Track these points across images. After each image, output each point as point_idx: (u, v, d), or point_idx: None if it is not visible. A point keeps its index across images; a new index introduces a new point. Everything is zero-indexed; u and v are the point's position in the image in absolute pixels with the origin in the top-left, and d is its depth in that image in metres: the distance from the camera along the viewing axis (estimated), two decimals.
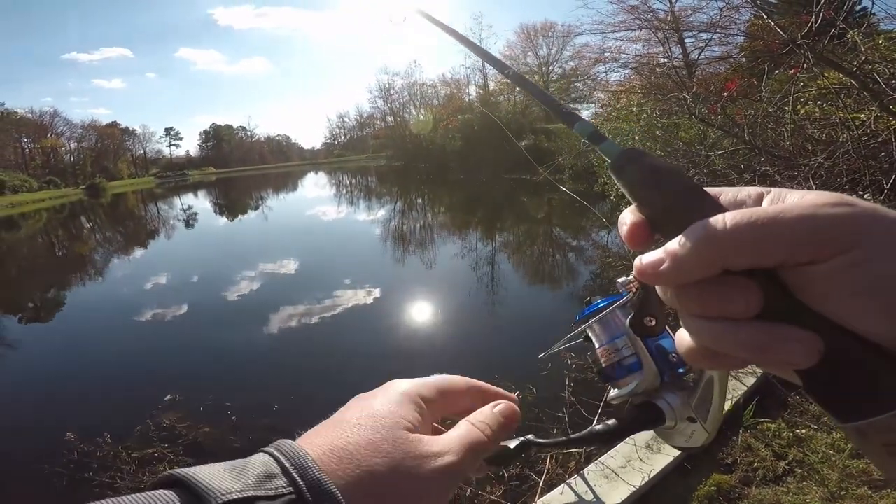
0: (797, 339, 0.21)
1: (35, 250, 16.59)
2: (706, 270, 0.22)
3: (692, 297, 0.23)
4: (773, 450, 2.32)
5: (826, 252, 0.20)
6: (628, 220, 0.27)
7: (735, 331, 0.22)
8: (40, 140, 60.94)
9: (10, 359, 5.61)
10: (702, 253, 0.22)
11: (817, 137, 4.24)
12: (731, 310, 0.22)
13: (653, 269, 0.23)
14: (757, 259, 0.21)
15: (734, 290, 0.22)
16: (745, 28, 7.98)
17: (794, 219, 0.20)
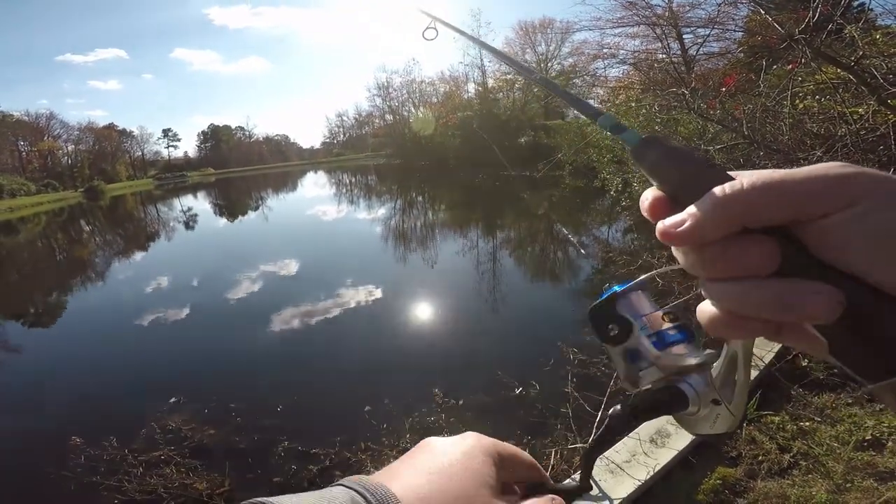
0: (817, 291, 0.21)
1: (35, 255, 16.59)
2: (726, 227, 0.23)
3: (714, 257, 0.24)
4: (778, 443, 2.33)
5: (838, 204, 0.21)
6: (650, 197, 0.28)
7: (755, 288, 0.23)
8: (37, 143, 60.71)
9: (14, 364, 5.62)
10: (721, 210, 0.23)
11: (816, 132, 4.26)
12: (751, 265, 0.23)
13: (675, 228, 0.25)
14: (773, 214, 0.23)
15: (753, 245, 0.23)
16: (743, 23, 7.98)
17: (806, 177, 0.22)
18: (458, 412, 3.28)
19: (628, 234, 8.88)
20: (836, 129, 3.98)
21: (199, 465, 2.96)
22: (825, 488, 2.03)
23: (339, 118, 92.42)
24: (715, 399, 0.41)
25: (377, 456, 2.86)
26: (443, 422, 3.16)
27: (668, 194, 0.28)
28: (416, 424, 3.16)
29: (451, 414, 3.25)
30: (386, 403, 3.44)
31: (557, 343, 3.78)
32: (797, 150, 4.18)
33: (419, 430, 3.10)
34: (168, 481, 2.81)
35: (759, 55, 5.38)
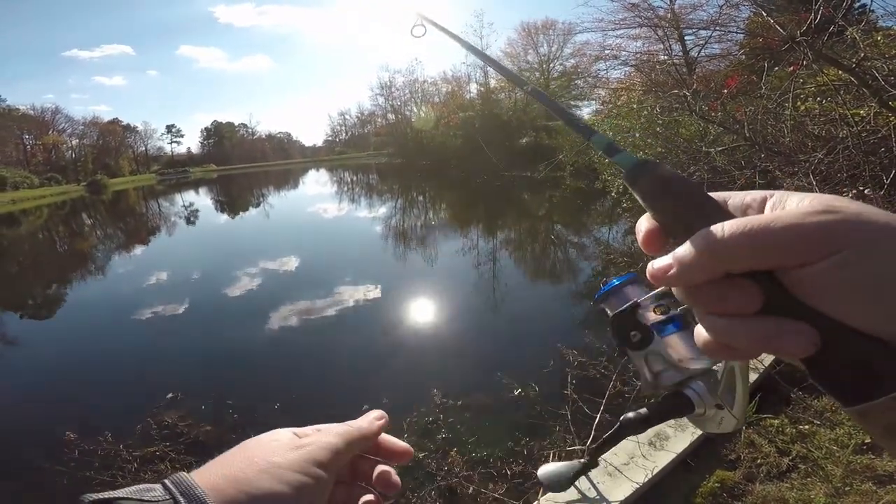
0: (795, 330, 0.23)
1: (36, 247, 16.60)
2: (708, 274, 0.25)
3: (700, 297, 0.26)
4: (777, 446, 2.33)
5: (813, 256, 0.23)
6: (643, 228, 0.30)
7: (740, 325, 0.25)
8: (42, 137, 60.82)
9: (11, 356, 5.62)
10: (703, 259, 0.25)
11: (817, 134, 4.25)
12: (734, 307, 0.25)
13: (663, 273, 0.27)
14: (752, 263, 0.24)
15: (735, 290, 0.25)
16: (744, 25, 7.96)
17: (783, 227, 0.23)
18: (457, 412, 3.27)
19: (629, 236, 8.87)
20: (837, 130, 3.97)
21: (195, 462, 2.93)
22: (824, 491, 2.02)
23: (341, 116, 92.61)
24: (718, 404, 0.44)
25: None
26: (441, 422, 3.16)
27: (660, 224, 0.29)
28: (415, 424, 3.16)
29: (449, 414, 3.24)
30: (384, 403, 3.44)
31: (557, 345, 3.77)
32: (798, 151, 4.17)
33: (417, 430, 3.10)
34: (162, 477, 2.80)
35: (760, 57, 5.37)
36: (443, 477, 2.60)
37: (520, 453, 2.78)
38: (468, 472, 2.64)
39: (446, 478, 2.59)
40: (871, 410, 0.23)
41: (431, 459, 2.78)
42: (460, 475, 2.60)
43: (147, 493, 0.31)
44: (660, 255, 0.28)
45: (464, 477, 2.59)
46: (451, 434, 3.04)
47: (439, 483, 2.56)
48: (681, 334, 0.44)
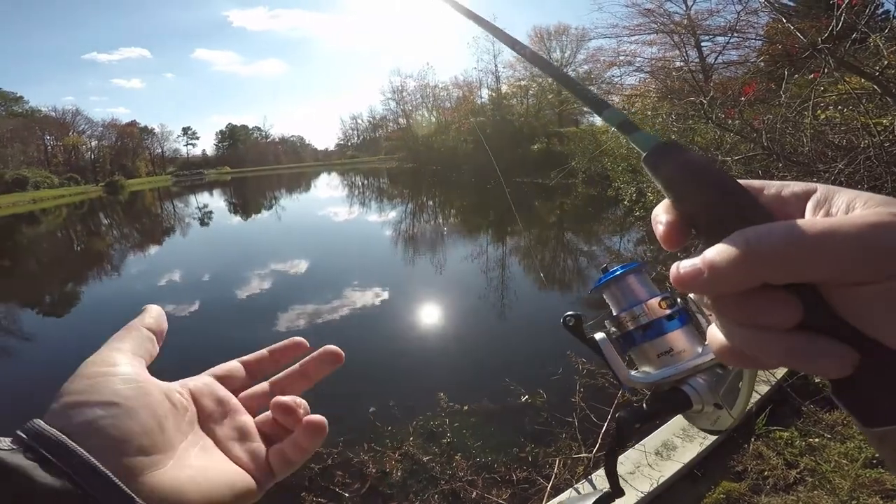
0: (834, 353, 0.21)
1: (55, 245, 16.93)
2: (745, 284, 0.21)
3: (730, 307, 0.23)
4: (785, 458, 2.29)
5: (872, 276, 0.20)
6: (664, 220, 0.26)
7: (771, 340, 0.22)
8: (62, 138, 62.30)
9: (27, 353, 5.71)
10: (741, 267, 0.21)
11: (837, 143, 4.17)
12: (769, 322, 0.22)
13: (691, 279, 0.23)
14: (799, 276, 0.20)
15: (773, 303, 0.21)
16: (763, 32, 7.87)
17: (843, 241, 0.20)
18: (463, 417, 3.25)
19: (640, 245, 8.78)
20: (859, 140, 3.88)
21: None
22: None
23: (353, 120, 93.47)
24: (717, 403, 0.43)
25: (379, 457, 2.84)
26: (447, 426, 3.14)
27: (683, 215, 0.25)
28: (420, 428, 3.14)
29: (454, 419, 3.22)
30: (391, 406, 3.42)
31: (567, 352, 3.73)
32: (818, 161, 4.09)
33: (423, 434, 3.08)
34: None
35: (779, 64, 5.30)
36: (447, 481, 2.57)
37: (525, 459, 2.75)
38: (472, 476, 2.61)
39: (450, 482, 2.56)
40: (890, 435, 0.21)
41: (436, 463, 2.77)
42: (464, 480, 2.58)
43: None
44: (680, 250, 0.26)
45: (468, 482, 2.56)
46: (456, 438, 3.02)
47: (443, 487, 2.54)
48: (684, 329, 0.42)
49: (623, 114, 0.29)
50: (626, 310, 0.45)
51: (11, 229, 21.76)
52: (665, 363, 0.43)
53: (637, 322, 0.44)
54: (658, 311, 0.43)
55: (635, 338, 0.45)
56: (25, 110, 60.01)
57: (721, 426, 0.44)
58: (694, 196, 0.25)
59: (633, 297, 0.44)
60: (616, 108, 0.29)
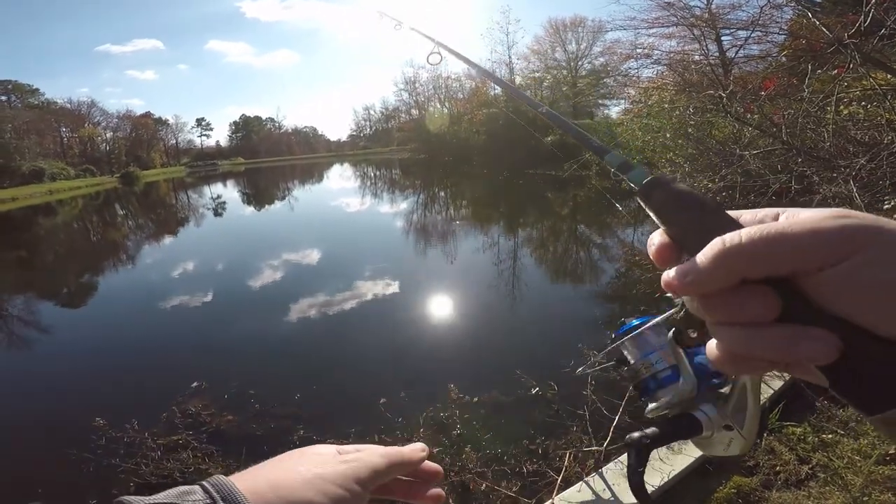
0: (815, 337, 0.23)
1: (71, 236, 17.23)
2: (725, 280, 0.25)
3: (717, 306, 0.26)
4: (797, 454, 2.28)
5: (831, 258, 0.22)
6: (656, 242, 0.30)
7: (757, 334, 0.24)
8: (78, 129, 63.13)
9: (46, 343, 5.81)
10: (720, 265, 0.24)
11: (860, 139, 4.08)
12: (752, 315, 0.24)
13: (678, 280, 0.26)
14: (770, 268, 0.24)
15: (753, 296, 0.24)
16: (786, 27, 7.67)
17: (800, 231, 0.23)
18: (473, 409, 3.27)
19: None
20: (882, 136, 3.80)
21: (216, 451, 3.00)
22: (842, 501, 1.98)
23: (366, 111, 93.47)
24: (727, 425, 0.44)
25: None
26: (457, 417, 3.16)
27: (672, 238, 0.29)
28: (430, 419, 3.16)
29: (465, 410, 3.24)
30: (402, 396, 3.45)
31: (578, 345, 3.72)
32: (839, 157, 4.01)
33: (433, 425, 3.11)
34: (184, 466, 2.85)
35: (802, 59, 5.18)
36: (456, 473, 2.60)
37: (535, 452, 2.76)
38: (482, 468, 2.63)
39: (460, 474, 2.59)
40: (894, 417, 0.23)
41: (445, 455, 2.79)
42: (474, 472, 2.60)
43: (187, 496, 0.31)
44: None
45: (477, 473, 2.58)
46: (466, 430, 3.04)
47: (452, 479, 2.56)
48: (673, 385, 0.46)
49: (622, 157, 0.34)
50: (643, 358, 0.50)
51: (29, 220, 22.19)
52: None
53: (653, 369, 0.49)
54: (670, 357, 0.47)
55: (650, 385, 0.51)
56: (41, 102, 60.87)
57: (734, 451, 0.45)
58: (679, 219, 0.29)
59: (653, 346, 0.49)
60: (616, 154, 0.35)
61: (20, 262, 12.04)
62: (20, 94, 59.92)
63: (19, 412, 3.91)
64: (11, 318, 7.04)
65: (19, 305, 7.79)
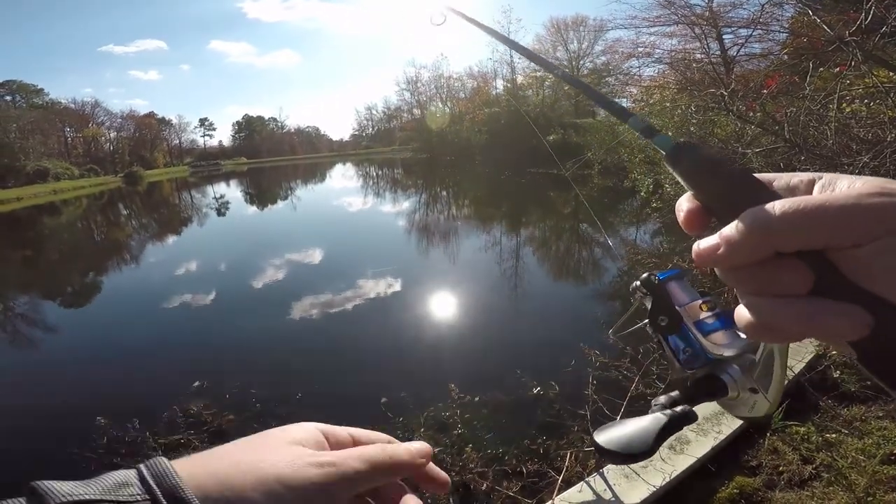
0: (846, 312, 0.23)
1: (75, 236, 17.29)
2: (758, 254, 0.24)
3: (748, 278, 0.25)
4: (801, 454, 2.27)
5: (868, 236, 0.22)
6: (685, 207, 0.29)
7: (788, 306, 0.24)
8: (82, 129, 63.32)
9: (49, 342, 5.84)
10: (754, 238, 0.24)
11: (863, 137, 4.06)
12: (783, 288, 0.24)
13: (710, 253, 0.26)
14: (804, 243, 0.23)
15: (785, 270, 0.24)
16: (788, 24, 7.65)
17: (838, 207, 0.22)
18: (474, 408, 3.26)
19: (657, 237, 8.68)
20: (885, 134, 3.77)
21: None
22: (845, 501, 1.96)
23: (368, 111, 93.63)
24: (753, 388, 0.44)
25: None
26: (457, 417, 3.15)
27: (702, 204, 0.28)
28: (431, 419, 3.16)
29: (465, 410, 3.23)
30: (402, 396, 3.45)
31: (580, 344, 3.72)
32: (842, 155, 3.98)
33: (433, 425, 3.11)
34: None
35: (804, 57, 5.15)
36: (457, 472, 2.59)
37: (536, 452, 2.75)
38: (483, 468, 2.63)
39: (460, 473, 2.58)
40: None
41: (446, 454, 2.78)
42: (474, 471, 2.59)
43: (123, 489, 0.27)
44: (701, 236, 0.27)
45: (478, 473, 2.58)
46: (466, 430, 3.03)
47: (453, 478, 2.56)
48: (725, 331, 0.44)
49: (645, 121, 0.32)
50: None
51: (33, 220, 22.29)
52: None
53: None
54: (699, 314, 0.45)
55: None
56: (45, 102, 61.07)
57: (759, 412, 0.45)
58: (710, 185, 0.28)
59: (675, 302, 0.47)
60: (637, 117, 0.33)
61: (25, 262, 12.10)
62: (24, 93, 60.14)
63: (23, 410, 3.91)
64: (16, 317, 7.09)
65: (24, 304, 7.82)
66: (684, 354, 0.45)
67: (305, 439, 0.34)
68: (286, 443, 0.33)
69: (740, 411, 0.46)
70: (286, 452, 0.32)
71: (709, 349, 0.44)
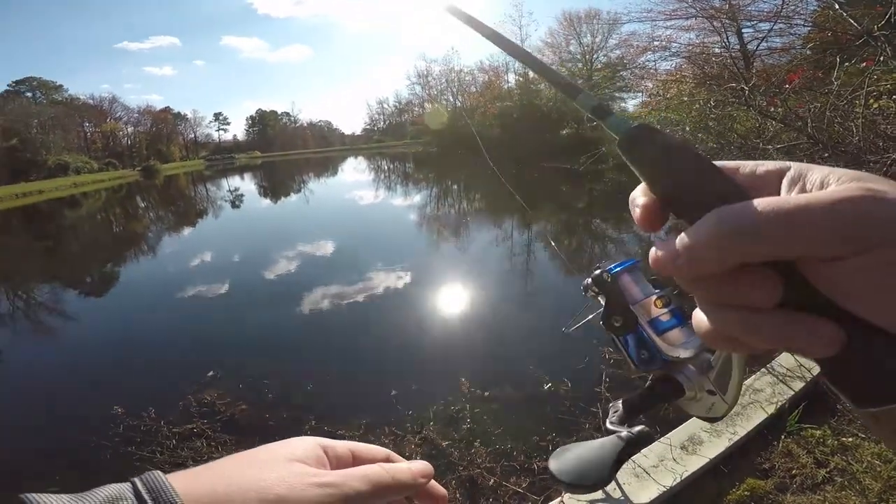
0: (818, 330, 0.21)
1: (95, 228, 17.65)
2: (722, 264, 0.21)
3: (710, 288, 0.23)
4: (815, 457, 2.23)
5: (849, 250, 0.20)
6: (640, 202, 0.26)
7: (755, 320, 0.22)
8: (101, 125, 64.52)
9: (68, 332, 5.97)
10: (719, 246, 0.21)
11: (890, 133, 3.94)
12: (751, 300, 0.22)
13: (668, 262, 0.23)
14: (776, 253, 0.20)
15: (753, 282, 0.21)
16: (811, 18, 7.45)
17: (822, 213, 0.19)
18: (484, 403, 3.26)
19: (672, 232, 8.54)
20: None
21: (229, 440, 3.03)
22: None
23: (379, 105, 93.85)
24: (710, 390, 0.43)
25: (400, 441, 2.89)
26: (467, 412, 3.15)
27: (660, 197, 0.26)
28: (440, 413, 3.16)
29: (475, 404, 3.23)
30: (413, 389, 3.46)
31: (593, 341, 3.69)
32: (868, 151, 3.87)
33: (443, 419, 3.11)
34: (198, 454, 2.89)
35: (828, 52, 5.01)
36: (465, 467, 2.59)
37: (545, 449, 2.74)
38: (491, 464, 2.62)
39: (468, 468, 2.58)
40: (883, 415, 0.21)
41: (455, 449, 2.79)
42: (482, 467, 2.59)
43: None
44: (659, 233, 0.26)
45: (486, 468, 2.58)
46: (476, 425, 3.03)
47: (461, 473, 2.56)
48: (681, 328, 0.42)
49: (596, 98, 0.28)
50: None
51: (55, 213, 22.79)
52: None
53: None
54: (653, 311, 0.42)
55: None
56: (65, 98, 62.26)
57: (717, 413, 0.43)
58: (669, 177, 0.25)
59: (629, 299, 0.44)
60: (589, 93, 0.28)
61: (46, 252, 12.37)
62: (45, 90, 61.33)
63: (41, 399, 4.00)
64: (38, 307, 7.27)
65: (45, 294, 8.00)
66: (641, 356, 0.43)
67: (306, 456, 0.33)
68: (287, 459, 0.32)
69: (698, 411, 0.45)
70: (287, 471, 0.31)
71: (664, 350, 0.42)
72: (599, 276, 0.46)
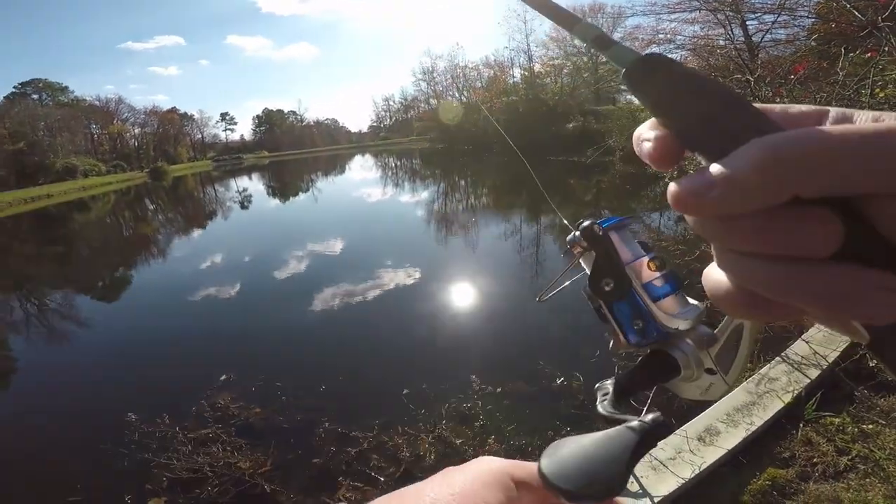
0: (886, 286, 0.16)
1: (104, 231, 17.78)
2: (772, 197, 0.17)
3: (746, 231, 0.18)
4: (836, 445, 2.21)
5: None
6: (652, 136, 0.22)
7: (804, 275, 0.17)
8: (107, 126, 64.71)
9: (81, 337, 5.97)
10: (768, 173, 0.16)
11: None
12: (801, 247, 0.17)
13: (699, 194, 0.18)
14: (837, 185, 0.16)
15: (808, 221, 0.17)
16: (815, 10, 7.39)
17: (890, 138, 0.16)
18: (496, 399, 3.27)
19: (681, 223, 8.53)
20: None
21: (244, 444, 3.02)
22: (882, 493, 1.91)
23: (385, 102, 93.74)
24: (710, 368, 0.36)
25: (413, 440, 2.89)
26: (479, 408, 3.16)
27: (676, 133, 0.21)
28: (453, 411, 3.16)
29: (487, 401, 3.23)
30: (424, 388, 3.46)
31: (605, 334, 3.69)
32: None
33: (455, 417, 3.11)
34: (214, 460, 2.87)
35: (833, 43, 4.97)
36: None
37: None
38: None
39: None
40: None
41: (468, 446, 2.80)
42: None
43: None
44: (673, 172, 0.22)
45: None
46: (489, 422, 3.03)
47: None
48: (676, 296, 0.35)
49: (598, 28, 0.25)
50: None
51: (64, 216, 22.99)
52: None
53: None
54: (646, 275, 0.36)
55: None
56: (71, 100, 62.35)
57: (713, 395, 0.37)
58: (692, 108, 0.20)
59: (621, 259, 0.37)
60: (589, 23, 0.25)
61: (56, 257, 12.53)
62: (50, 92, 61.49)
63: (56, 405, 4.03)
64: (50, 312, 7.31)
65: (56, 300, 8.04)
66: (635, 327, 0.36)
67: (490, 494, 0.29)
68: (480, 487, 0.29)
69: (692, 393, 0.38)
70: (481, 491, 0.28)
71: (660, 320, 0.35)
72: (590, 229, 0.39)
